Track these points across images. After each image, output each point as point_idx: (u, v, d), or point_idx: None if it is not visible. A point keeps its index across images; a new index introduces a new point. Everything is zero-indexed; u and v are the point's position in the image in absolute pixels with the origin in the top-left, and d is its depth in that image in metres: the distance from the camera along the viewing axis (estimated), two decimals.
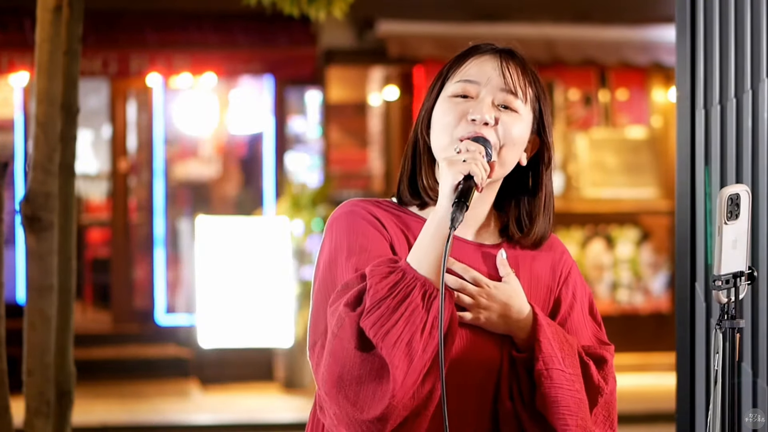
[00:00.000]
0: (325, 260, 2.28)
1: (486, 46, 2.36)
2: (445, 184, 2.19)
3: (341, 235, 2.27)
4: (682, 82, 3.42)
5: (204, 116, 12.09)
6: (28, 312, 3.79)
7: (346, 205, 2.31)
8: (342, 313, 2.16)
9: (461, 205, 2.15)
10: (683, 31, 3.42)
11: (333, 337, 2.16)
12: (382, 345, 2.11)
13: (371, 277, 2.16)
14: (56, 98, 3.81)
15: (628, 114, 11.78)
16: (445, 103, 2.30)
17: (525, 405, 2.26)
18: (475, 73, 2.31)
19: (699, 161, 3.37)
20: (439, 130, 2.29)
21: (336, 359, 2.14)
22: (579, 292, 2.41)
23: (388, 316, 2.12)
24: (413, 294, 2.14)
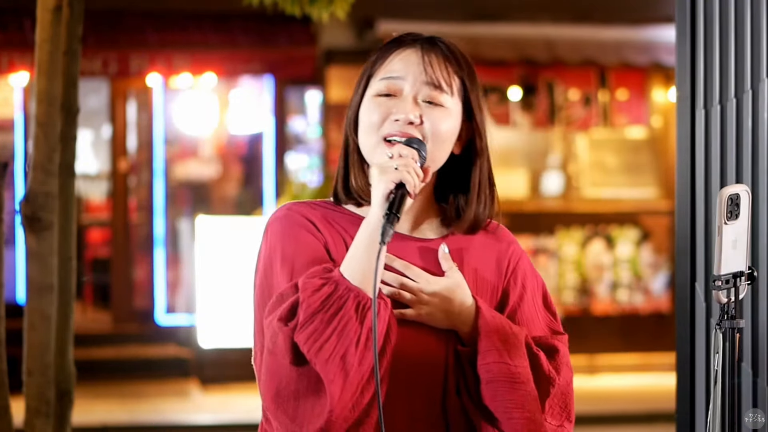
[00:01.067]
0: (262, 267, 2.25)
1: (407, 37, 2.31)
2: (377, 193, 2.15)
3: (275, 240, 2.24)
4: (682, 82, 3.42)
5: (204, 116, 12.09)
6: (28, 312, 3.79)
7: (281, 210, 2.29)
8: (276, 328, 2.13)
9: (392, 217, 2.11)
10: (683, 31, 3.42)
11: (268, 352, 2.14)
12: (316, 360, 2.08)
13: (303, 290, 2.12)
14: (56, 98, 3.81)
15: (627, 114, 11.78)
16: (370, 102, 2.26)
17: (472, 399, 2.23)
18: (398, 69, 2.26)
19: (699, 161, 3.37)
20: (365, 131, 2.26)
21: (272, 375, 2.12)
22: (529, 284, 2.36)
23: (322, 330, 2.09)
24: (346, 306, 2.11)
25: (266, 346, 2.15)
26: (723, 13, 3.31)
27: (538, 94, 11.48)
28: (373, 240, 2.13)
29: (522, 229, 11.45)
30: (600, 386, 10.81)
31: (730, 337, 2.36)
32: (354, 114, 2.30)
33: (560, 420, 2.31)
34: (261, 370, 2.18)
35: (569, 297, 11.60)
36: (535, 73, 11.47)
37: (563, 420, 2.32)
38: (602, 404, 9.89)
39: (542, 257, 11.50)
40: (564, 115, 11.58)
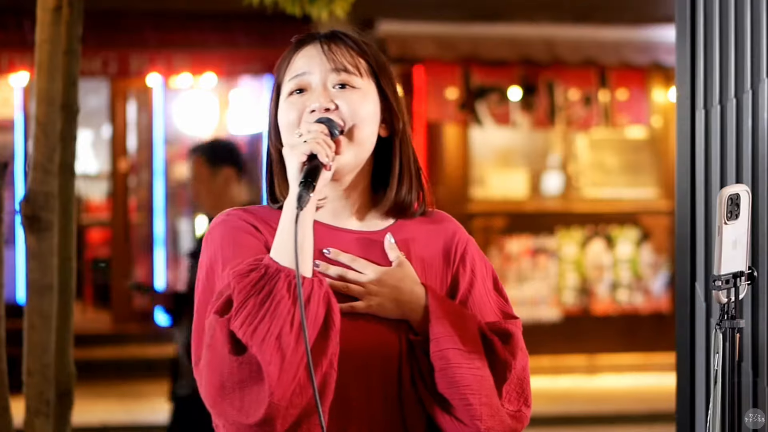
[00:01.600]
0: (203, 275, 2.24)
1: (307, 36, 2.34)
2: (291, 168, 2.16)
3: (215, 246, 2.24)
4: (682, 82, 3.42)
5: (204, 116, 12.09)
6: (28, 312, 3.79)
7: (219, 216, 2.29)
8: (212, 321, 2.12)
9: (308, 184, 2.11)
10: (683, 31, 3.42)
11: (207, 347, 2.12)
12: (252, 343, 2.07)
13: (233, 278, 2.12)
14: (56, 98, 3.81)
15: (628, 114, 11.78)
16: (284, 104, 2.29)
17: (427, 388, 2.22)
18: (302, 65, 2.29)
19: (699, 161, 3.37)
20: (286, 132, 2.28)
21: (213, 369, 2.10)
22: (478, 268, 2.35)
23: (255, 313, 2.08)
24: (277, 286, 2.10)
25: (205, 342, 2.13)
26: (723, 13, 3.31)
27: (538, 94, 11.48)
28: (291, 217, 2.13)
29: (522, 229, 11.46)
30: (600, 386, 10.81)
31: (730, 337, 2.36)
32: (273, 123, 2.32)
33: (517, 405, 2.30)
34: (202, 371, 2.15)
35: (569, 297, 11.60)
36: (535, 73, 11.47)
37: (521, 405, 2.31)
38: (602, 404, 9.89)
39: (542, 257, 11.51)
40: (564, 115, 11.58)
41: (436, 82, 11.29)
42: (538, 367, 11.23)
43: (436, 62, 11.16)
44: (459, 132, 11.49)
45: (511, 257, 11.49)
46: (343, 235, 2.28)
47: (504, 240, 11.45)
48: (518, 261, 11.48)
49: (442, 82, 11.29)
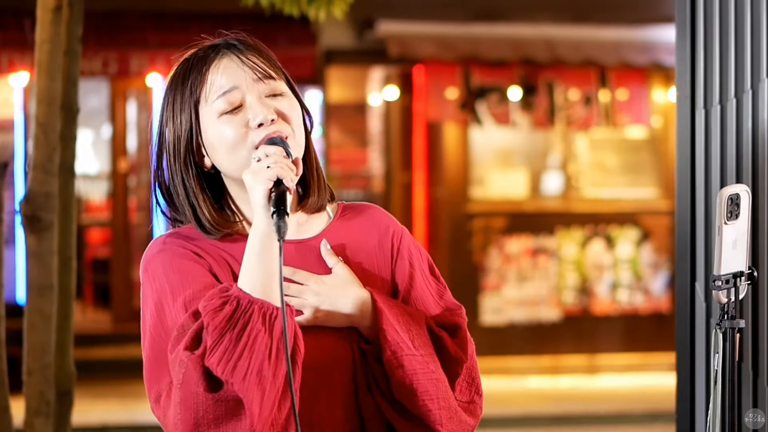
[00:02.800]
0: (151, 309, 2.16)
1: (203, 52, 2.25)
2: (257, 197, 2.08)
3: (159, 278, 2.17)
4: (682, 82, 3.42)
5: None
6: (28, 312, 3.79)
7: (155, 246, 2.21)
8: (184, 358, 2.04)
9: (282, 213, 2.05)
10: (683, 31, 3.42)
11: (179, 384, 2.05)
12: (233, 380, 2.02)
13: (206, 313, 2.05)
14: (56, 98, 3.81)
15: (628, 114, 11.78)
16: (218, 124, 2.19)
17: (384, 396, 2.19)
18: (226, 81, 2.20)
19: (699, 161, 3.37)
20: (227, 151, 2.18)
21: (187, 407, 2.04)
22: (415, 259, 2.31)
23: (232, 349, 2.02)
24: (253, 320, 2.04)
25: (176, 379, 2.05)
26: (723, 13, 3.31)
27: (538, 94, 11.47)
28: (265, 246, 2.08)
29: (522, 229, 11.46)
30: (600, 386, 10.81)
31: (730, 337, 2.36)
32: (189, 145, 2.21)
33: (470, 396, 2.25)
34: (169, 410, 2.09)
35: (569, 297, 11.60)
36: (535, 73, 11.47)
37: (473, 395, 2.26)
38: (602, 404, 9.89)
39: (542, 257, 11.50)
40: (564, 115, 11.58)
41: (436, 82, 11.28)
42: (538, 367, 11.23)
43: (436, 62, 11.16)
44: (459, 132, 11.49)
45: (511, 257, 11.49)
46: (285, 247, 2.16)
47: (504, 240, 11.45)
48: (518, 261, 11.48)
49: (442, 82, 11.29)
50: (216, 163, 2.21)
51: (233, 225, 2.23)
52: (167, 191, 2.25)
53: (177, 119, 2.22)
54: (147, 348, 2.16)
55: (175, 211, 2.27)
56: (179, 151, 2.22)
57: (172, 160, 2.23)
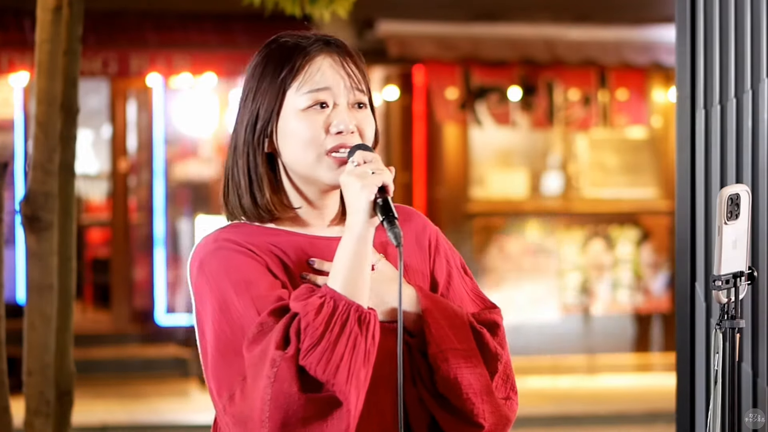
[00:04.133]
0: (213, 307, 2.16)
1: (305, 41, 2.26)
2: (360, 201, 2.11)
3: (219, 276, 2.17)
4: (682, 82, 3.42)
5: (204, 116, 12.09)
6: (28, 312, 3.79)
7: (207, 244, 2.22)
8: (275, 357, 2.05)
9: (392, 219, 2.09)
10: (683, 31, 3.42)
11: (269, 383, 2.05)
12: (335, 381, 2.05)
13: (305, 313, 2.07)
14: (56, 98, 3.82)
15: (627, 114, 11.78)
16: (298, 116, 2.21)
17: (428, 389, 2.21)
18: (320, 80, 2.22)
19: (699, 161, 3.37)
20: (300, 146, 2.20)
21: (278, 406, 2.05)
22: (451, 258, 2.35)
23: (331, 350, 2.05)
24: (350, 323, 2.08)
25: (266, 375, 2.06)
26: (723, 13, 3.31)
27: (538, 94, 11.48)
28: (359, 249, 2.11)
29: (522, 229, 11.46)
30: (600, 386, 10.81)
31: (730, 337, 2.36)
32: (267, 128, 2.23)
33: (506, 392, 2.28)
34: (247, 408, 2.09)
35: (569, 297, 11.60)
36: (535, 73, 11.47)
37: (508, 391, 2.28)
38: (602, 404, 9.89)
39: (542, 257, 11.51)
40: (564, 115, 11.58)
41: (436, 82, 11.29)
42: (538, 367, 11.23)
43: (436, 62, 11.16)
44: (459, 132, 11.49)
45: (511, 257, 11.49)
46: (329, 244, 2.22)
47: (504, 240, 11.45)
48: (518, 261, 11.48)
49: (442, 82, 11.29)
50: (281, 151, 2.24)
51: (288, 211, 2.25)
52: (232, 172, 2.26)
53: (262, 97, 2.24)
54: (212, 347, 2.16)
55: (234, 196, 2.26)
56: (255, 128, 2.24)
57: (245, 136, 2.24)
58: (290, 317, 2.10)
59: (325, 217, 2.28)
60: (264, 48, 2.30)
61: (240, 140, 2.25)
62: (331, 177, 2.20)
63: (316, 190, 2.24)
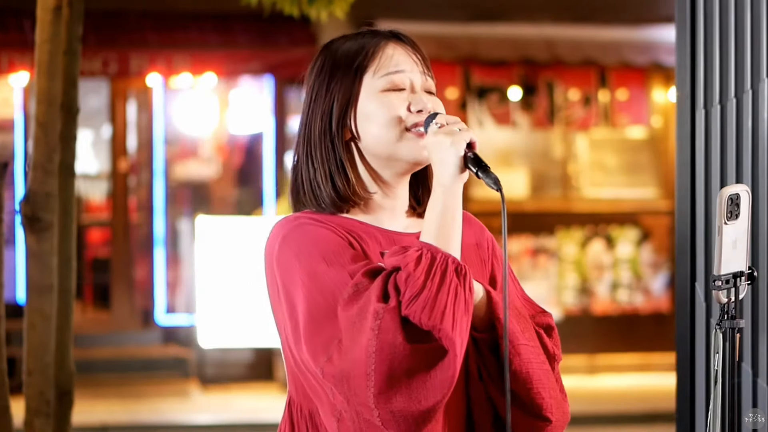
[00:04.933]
0: (302, 277, 2.18)
1: (375, 34, 2.33)
2: (450, 155, 2.17)
3: (306, 247, 2.20)
4: (682, 82, 3.42)
5: (204, 116, 12.09)
6: (28, 312, 3.79)
7: (289, 222, 2.25)
8: (378, 309, 2.08)
9: (486, 168, 2.18)
10: (683, 31, 3.42)
11: (373, 334, 2.08)
12: (441, 327, 2.08)
13: (405, 264, 2.11)
14: (56, 98, 3.81)
15: (628, 114, 11.78)
16: (379, 97, 2.27)
17: (495, 384, 2.24)
18: (395, 64, 2.29)
19: (699, 161, 3.37)
20: (382, 125, 2.26)
21: (383, 358, 2.07)
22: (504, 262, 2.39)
23: (434, 299, 2.09)
24: (449, 272, 2.12)
25: (369, 328, 2.08)
26: (723, 13, 3.31)
27: (538, 94, 11.48)
28: (451, 203, 2.18)
29: (522, 229, 11.46)
30: (600, 386, 10.81)
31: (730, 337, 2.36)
32: (345, 115, 2.28)
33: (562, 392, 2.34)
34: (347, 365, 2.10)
35: (569, 297, 11.60)
36: (535, 73, 11.47)
37: (563, 391, 2.35)
38: (602, 404, 9.89)
39: (542, 257, 11.51)
40: (564, 115, 11.58)
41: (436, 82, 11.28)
42: None
43: (436, 62, 11.11)
44: None
45: (511, 257, 11.49)
46: (396, 236, 2.29)
47: None
48: (518, 261, 11.48)
49: (442, 82, 11.26)
50: (362, 134, 2.28)
51: (367, 196, 2.30)
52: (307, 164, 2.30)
53: (337, 86, 2.28)
54: (304, 315, 2.17)
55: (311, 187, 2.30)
56: (333, 115, 2.28)
57: (321, 126, 2.29)
58: (387, 273, 2.13)
59: (396, 209, 2.32)
60: (327, 47, 2.35)
61: (316, 132, 2.29)
62: (413, 153, 2.27)
63: (393, 173, 2.29)
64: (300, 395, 2.27)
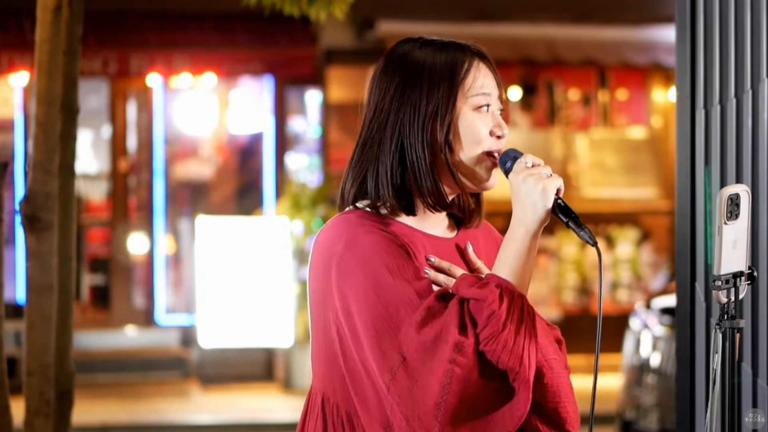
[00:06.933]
0: (366, 288, 2.18)
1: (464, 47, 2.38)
2: (540, 200, 2.24)
3: (372, 257, 2.19)
4: (682, 82, 3.42)
5: (204, 116, 12.09)
6: (28, 312, 3.79)
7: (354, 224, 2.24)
8: (459, 342, 2.10)
9: (577, 219, 2.26)
10: (683, 31, 3.42)
11: (450, 366, 2.09)
12: (519, 371, 2.12)
13: (491, 301, 2.13)
14: (56, 98, 3.81)
15: (627, 114, 11.78)
16: (472, 116, 2.30)
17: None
18: (483, 84, 2.33)
19: (699, 161, 3.37)
20: (470, 143, 2.29)
21: (457, 390, 2.09)
22: None
23: (513, 340, 2.12)
24: (525, 314, 2.16)
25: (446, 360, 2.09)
26: (723, 13, 3.31)
27: (538, 94, 11.48)
28: (532, 245, 2.22)
29: None
30: (600, 386, 10.80)
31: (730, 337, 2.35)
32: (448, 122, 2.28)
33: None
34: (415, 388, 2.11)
35: (569, 297, 11.59)
36: (535, 73, 11.47)
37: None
38: (602, 404, 9.88)
39: (542, 257, 11.51)
40: (564, 115, 11.58)
41: None
42: None
43: None
44: None
45: None
46: (442, 244, 2.31)
47: None
48: None
49: None
50: (453, 145, 2.29)
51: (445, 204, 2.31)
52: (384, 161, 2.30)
53: (439, 93, 2.29)
54: (367, 327, 2.17)
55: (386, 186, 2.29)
56: (436, 122, 2.29)
57: (420, 129, 2.29)
58: (461, 302, 2.15)
59: (440, 216, 2.34)
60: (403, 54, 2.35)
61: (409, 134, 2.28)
62: (490, 180, 2.33)
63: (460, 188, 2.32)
64: (339, 396, 2.25)
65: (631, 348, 7.74)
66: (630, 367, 7.73)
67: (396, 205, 2.28)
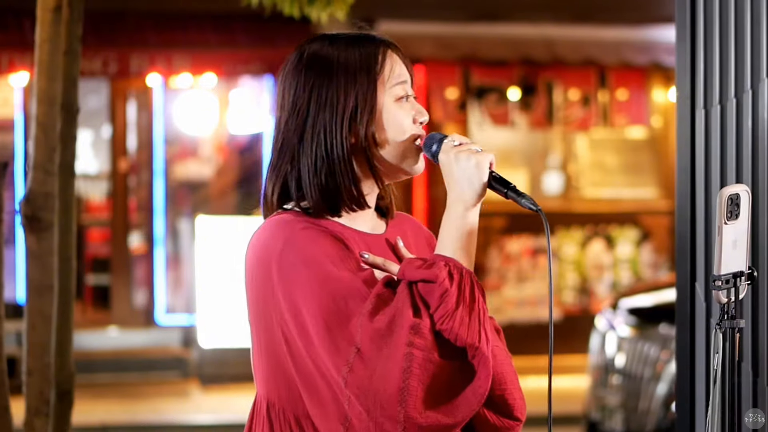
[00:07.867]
0: (311, 283, 2.15)
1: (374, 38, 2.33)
2: (475, 175, 2.21)
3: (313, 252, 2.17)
4: (682, 82, 3.42)
5: (204, 116, 12.09)
6: (28, 312, 3.79)
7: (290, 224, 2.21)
8: (415, 324, 2.08)
9: (515, 188, 2.24)
10: (683, 31, 3.42)
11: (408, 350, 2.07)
12: (478, 345, 2.10)
13: (436, 278, 2.11)
14: (56, 98, 3.81)
15: (627, 114, 11.78)
16: (395, 106, 2.29)
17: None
18: (399, 73, 2.31)
19: (699, 161, 3.37)
20: (396, 134, 2.28)
21: (418, 373, 2.07)
22: None
23: (467, 315, 2.11)
24: (476, 290, 2.15)
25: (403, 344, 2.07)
26: (723, 13, 3.31)
27: (538, 94, 11.48)
28: (473, 220, 2.22)
29: (522, 229, 11.46)
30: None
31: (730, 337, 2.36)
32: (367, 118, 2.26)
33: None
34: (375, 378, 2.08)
35: (569, 297, 11.60)
36: (534, 73, 11.47)
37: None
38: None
39: (542, 257, 11.51)
40: (563, 115, 11.58)
41: (436, 82, 11.29)
42: (538, 367, 11.23)
43: (436, 62, 11.16)
44: (459, 132, 11.48)
45: (511, 257, 11.49)
46: (374, 240, 2.30)
47: (504, 240, 11.45)
48: (518, 261, 11.48)
49: (442, 82, 11.29)
50: (378, 139, 2.27)
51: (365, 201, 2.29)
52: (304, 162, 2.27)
53: (355, 89, 2.26)
54: (317, 322, 2.13)
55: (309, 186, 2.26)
56: (354, 120, 2.26)
57: (336, 128, 2.26)
58: (410, 286, 2.14)
59: (367, 212, 2.32)
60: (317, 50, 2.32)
61: (322, 133, 2.25)
62: (419, 166, 2.31)
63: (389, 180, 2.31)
64: (284, 400, 2.23)
65: (597, 348, 7.74)
66: (596, 368, 7.72)
67: (322, 207, 2.25)
